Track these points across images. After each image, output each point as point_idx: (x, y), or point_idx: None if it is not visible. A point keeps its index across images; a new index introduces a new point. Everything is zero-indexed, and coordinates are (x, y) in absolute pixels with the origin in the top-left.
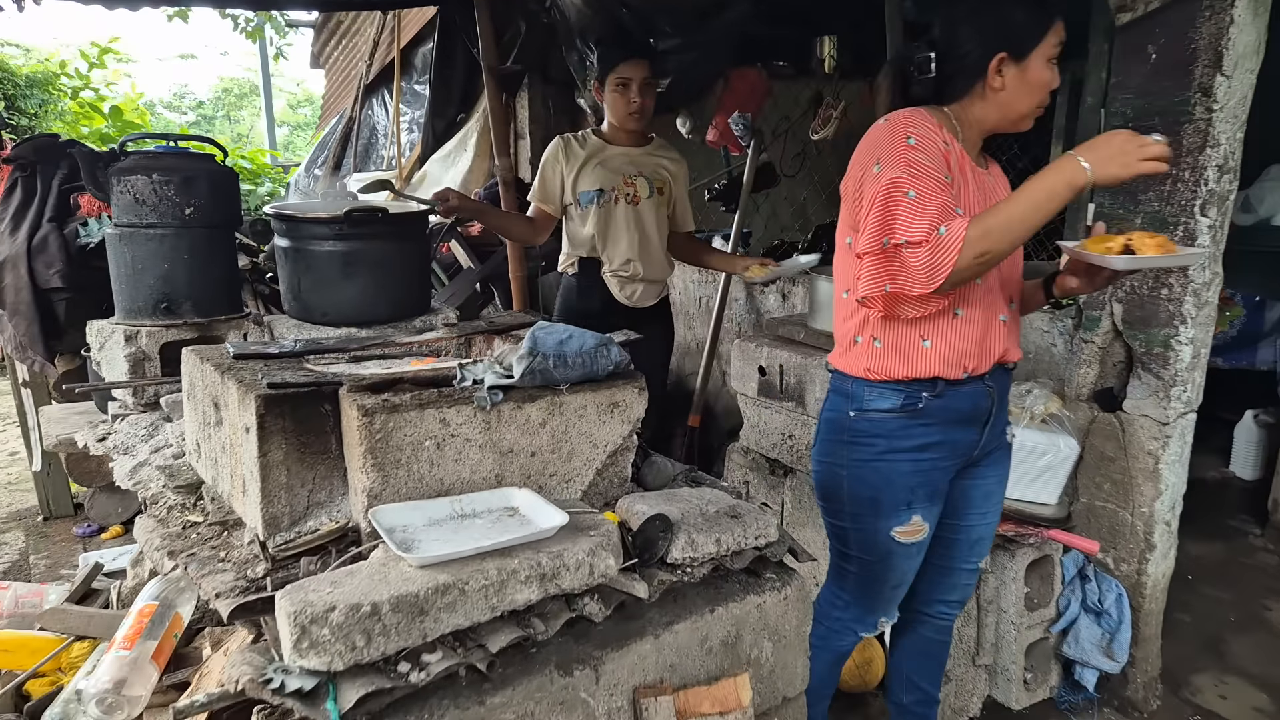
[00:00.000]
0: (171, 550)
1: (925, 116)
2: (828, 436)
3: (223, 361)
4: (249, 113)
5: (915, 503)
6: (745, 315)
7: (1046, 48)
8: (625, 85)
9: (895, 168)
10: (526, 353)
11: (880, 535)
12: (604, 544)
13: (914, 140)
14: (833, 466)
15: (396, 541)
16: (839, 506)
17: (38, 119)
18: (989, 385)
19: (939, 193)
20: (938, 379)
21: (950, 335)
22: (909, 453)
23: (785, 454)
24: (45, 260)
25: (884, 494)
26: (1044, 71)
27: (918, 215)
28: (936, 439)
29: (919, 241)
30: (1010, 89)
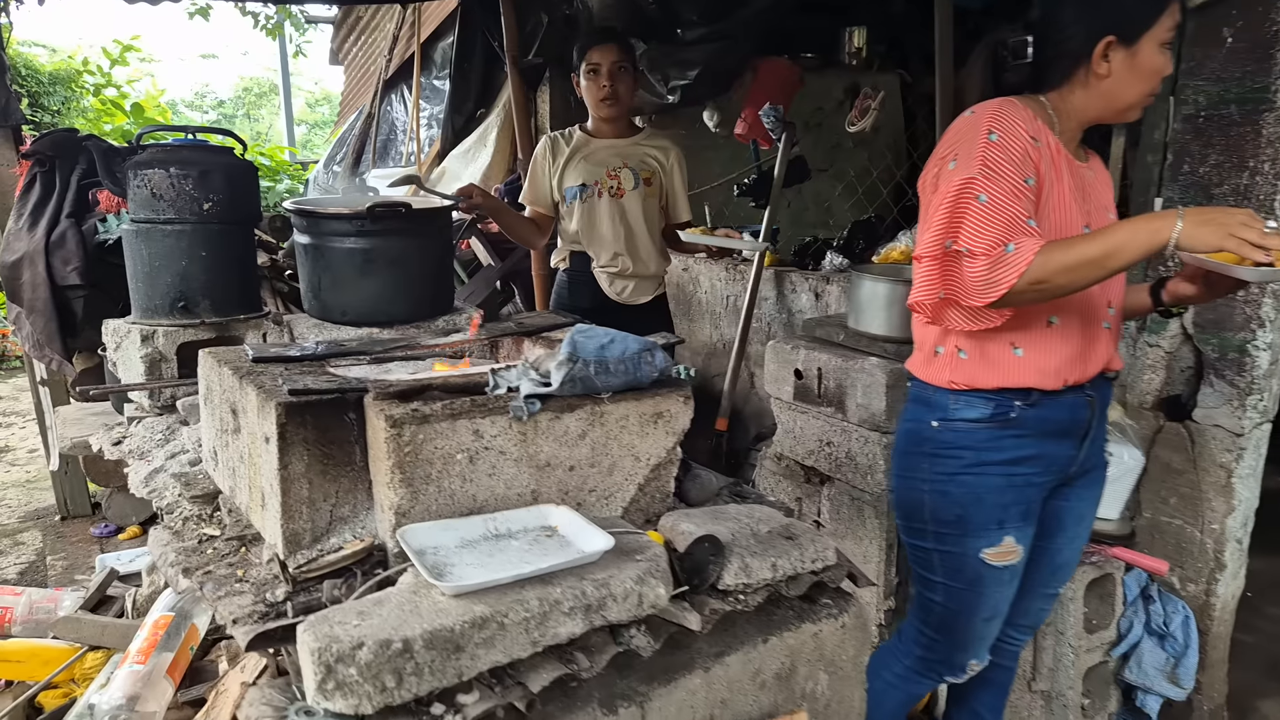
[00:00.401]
0: (187, 567)
1: (1016, 108)
2: (907, 449)
3: (241, 365)
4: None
5: (1008, 522)
6: (775, 315)
7: (1161, 30)
8: (595, 71)
9: (970, 166)
10: (566, 359)
11: (968, 558)
12: (653, 570)
13: (996, 136)
14: (913, 481)
15: (428, 566)
16: (921, 526)
17: (60, 116)
18: (1089, 395)
19: (1013, 200)
20: (1032, 390)
21: (1045, 344)
22: (1000, 466)
23: (823, 461)
24: (63, 257)
25: (972, 511)
26: (1156, 57)
27: (985, 224)
28: (1031, 452)
29: (980, 253)
30: (1117, 76)
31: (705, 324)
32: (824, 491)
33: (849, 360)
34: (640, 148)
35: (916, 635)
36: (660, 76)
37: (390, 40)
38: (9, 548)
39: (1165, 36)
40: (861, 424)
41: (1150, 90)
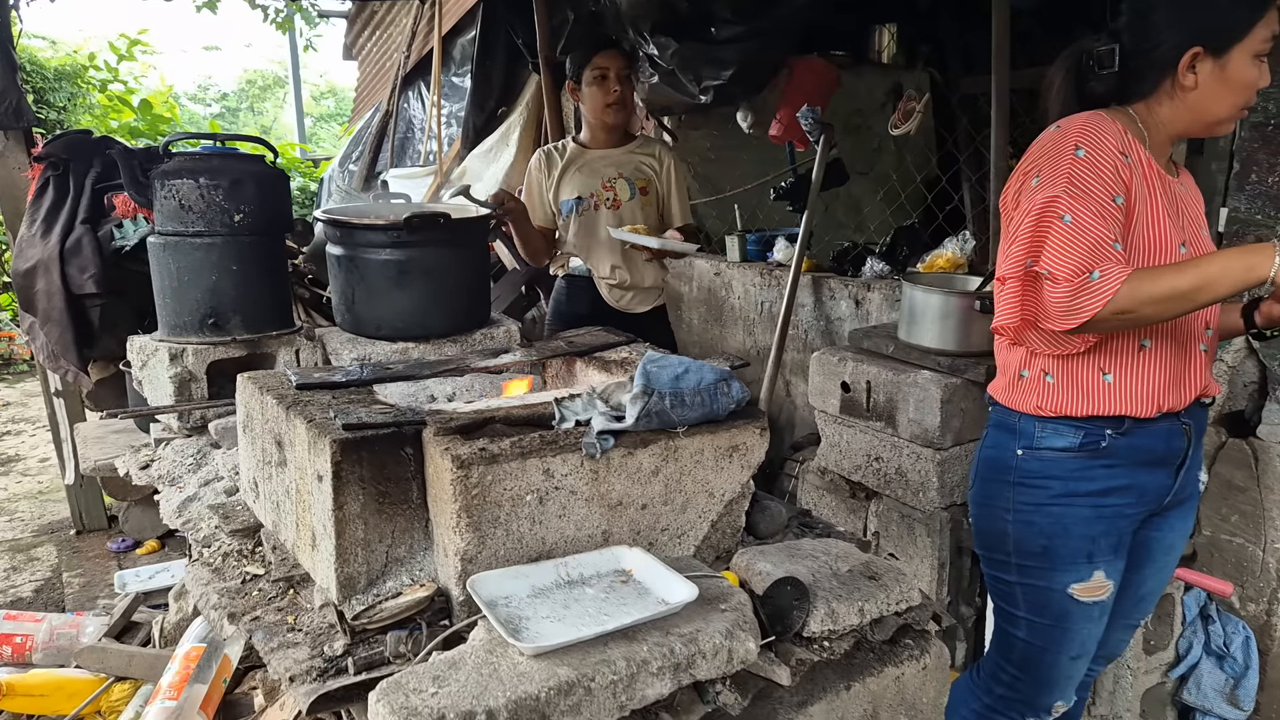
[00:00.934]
0: (233, 612)
1: (1106, 122)
2: (988, 476)
3: (285, 393)
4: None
5: (1097, 555)
6: (813, 322)
7: (1255, 41)
8: (603, 76)
9: (1055, 184)
10: (640, 391)
11: (1055, 593)
12: (740, 622)
13: (1083, 153)
14: (995, 511)
15: (501, 619)
16: (1003, 558)
17: (66, 112)
18: (1185, 422)
19: (1099, 222)
20: (1125, 418)
21: (1137, 369)
22: (1089, 497)
23: (870, 477)
24: (79, 264)
25: (1059, 544)
26: (1248, 69)
27: (1069, 246)
28: (1123, 482)
29: (1062, 278)
30: (1205, 89)
31: (738, 330)
32: (871, 507)
33: (900, 374)
34: (635, 156)
35: (996, 672)
36: (692, 76)
37: (408, 35)
38: (23, 564)
39: (1260, 48)
40: (914, 440)
41: (1243, 103)
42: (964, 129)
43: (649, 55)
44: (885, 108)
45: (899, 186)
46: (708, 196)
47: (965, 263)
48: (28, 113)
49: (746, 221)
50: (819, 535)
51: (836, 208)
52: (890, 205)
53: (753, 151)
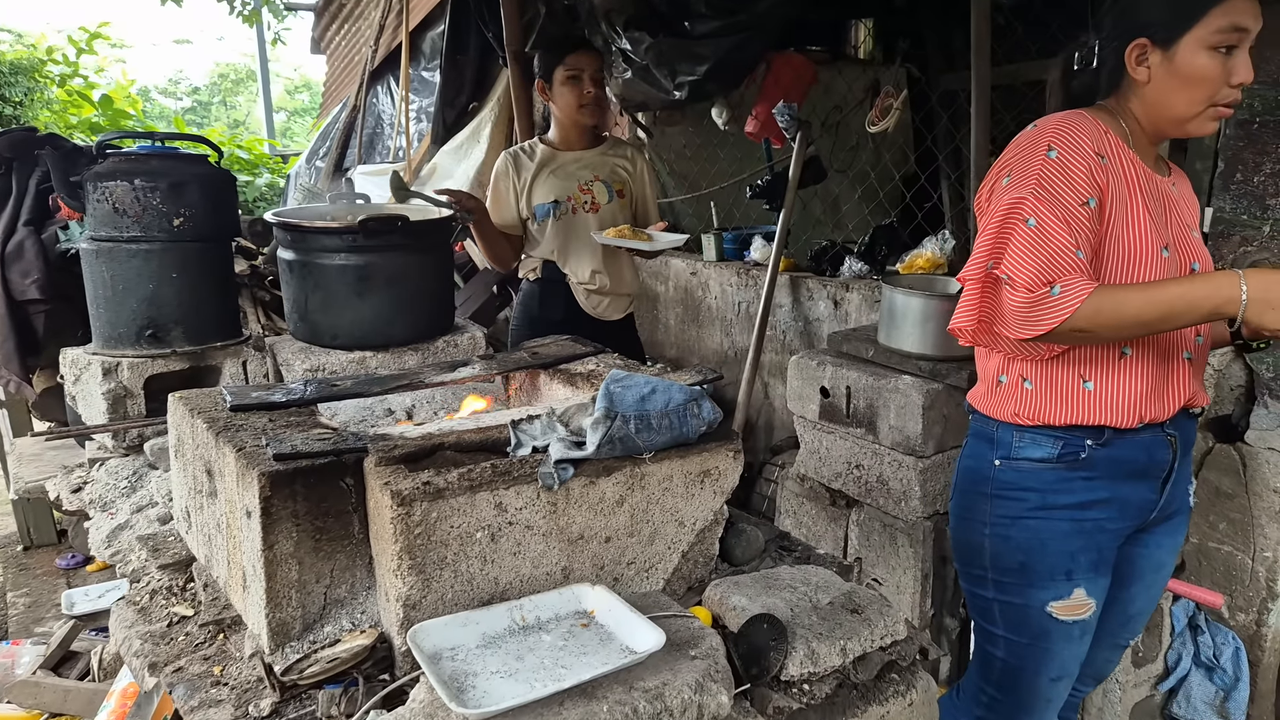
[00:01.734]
0: (154, 661)
1: (1084, 122)
2: (966, 488)
3: (217, 416)
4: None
5: (1077, 572)
6: (791, 323)
7: (1206, 33)
8: (577, 77)
9: (1024, 185)
10: (602, 415)
11: (1032, 610)
12: (712, 671)
13: (1055, 154)
14: (972, 524)
15: (444, 677)
16: (980, 573)
17: (23, 109)
18: (1169, 433)
19: (1063, 228)
20: (1105, 428)
21: (1117, 377)
22: (1067, 510)
23: (851, 485)
24: (21, 269)
25: (1036, 559)
26: (1200, 62)
27: (1030, 251)
28: (1103, 495)
29: (1020, 284)
30: (1157, 83)
31: (716, 331)
32: (851, 516)
33: (881, 379)
34: (609, 158)
35: (976, 694)
36: (667, 72)
37: (376, 29)
38: None
39: (1214, 39)
40: (895, 447)
41: (1206, 99)
42: (943, 126)
43: (622, 50)
44: (864, 104)
45: (877, 184)
46: (684, 194)
47: (945, 263)
48: None
49: (723, 219)
50: (798, 560)
51: (814, 205)
52: (869, 203)
53: (729, 148)
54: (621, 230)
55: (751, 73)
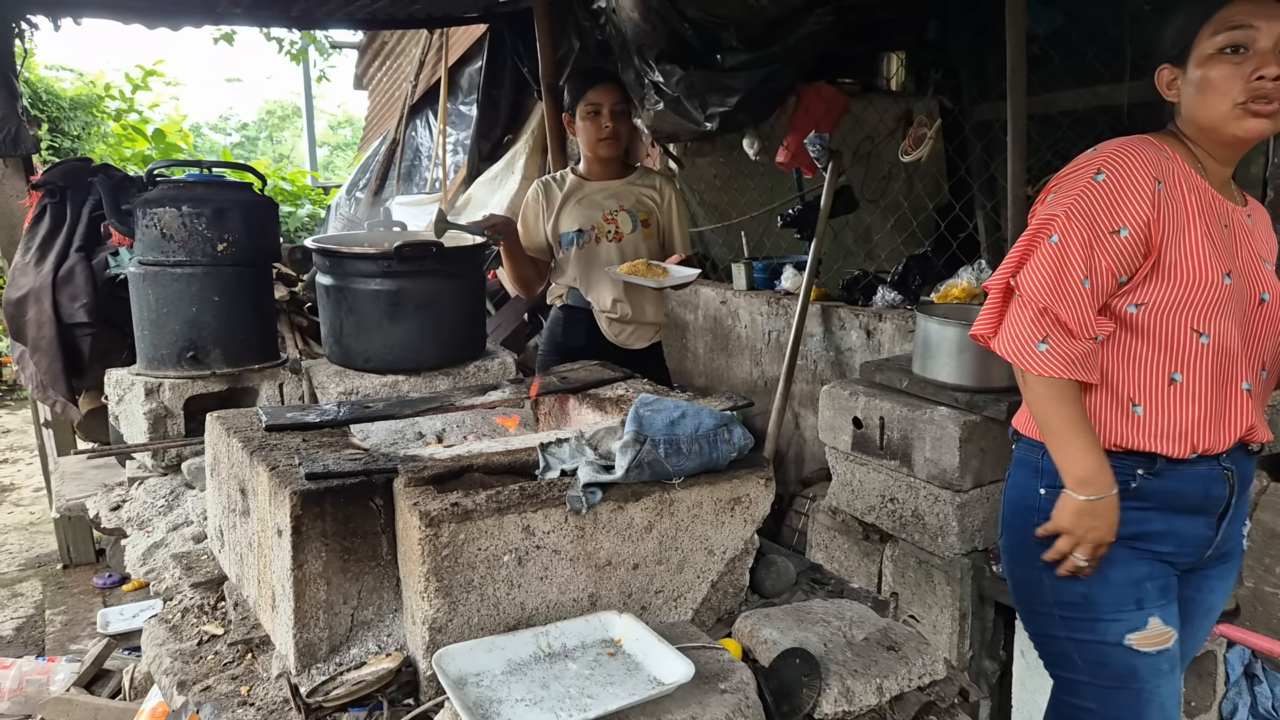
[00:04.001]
0: (183, 680)
1: (1145, 148)
2: (1014, 522)
3: (253, 435)
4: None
5: (1147, 601)
6: (822, 353)
7: (1208, 40)
8: (596, 111)
9: (1061, 203)
10: (632, 439)
11: (1110, 646)
12: (742, 706)
13: (1104, 177)
14: (1024, 559)
15: (469, 703)
16: (1045, 612)
17: (81, 142)
18: (1226, 468)
19: (1082, 252)
20: (1156, 456)
21: (1167, 404)
22: (1123, 541)
23: (885, 519)
24: (71, 293)
25: (1098, 589)
26: (1211, 69)
27: (1042, 267)
28: (1158, 528)
29: (1026, 299)
30: (1185, 101)
31: (745, 360)
32: (886, 551)
33: (915, 409)
34: (635, 188)
35: None
36: (698, 103)
37: (416, 65)
38: (6, 599)
39: (1220, 43)
40: (931, 480)
41: (1227, 100)
42: (978, 156)
43: (654, 83)
44: (895, 134)
45: (910, 214)
46: (714, 224)
47: (981, 292)
48: (26, 140)
49: (753, 249)
50: (831, 594)
51: (846, 235)
52: (901, 233)
53: (760, 178)
54: (636, 266)
55: (782, 104)
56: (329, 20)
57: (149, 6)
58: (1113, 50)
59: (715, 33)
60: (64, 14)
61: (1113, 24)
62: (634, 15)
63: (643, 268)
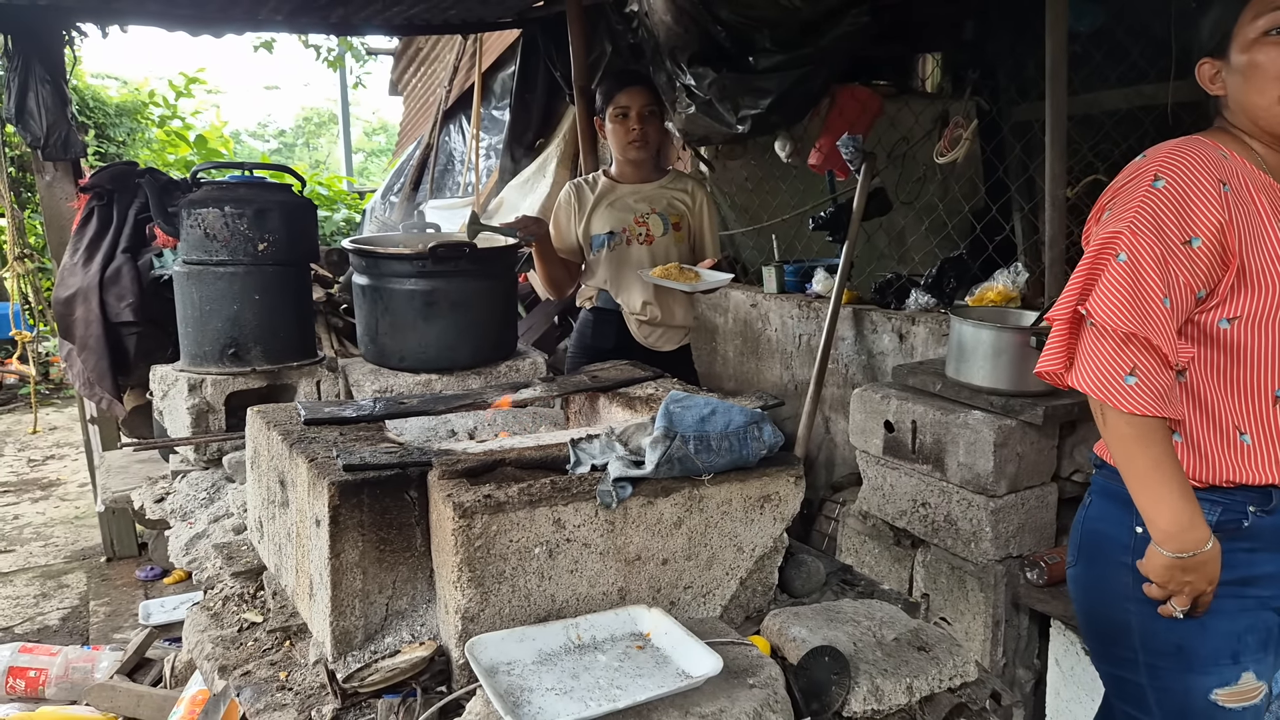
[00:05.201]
0: (224, 664)
1: (1200, 147)
2: (1096, 555)
3: (292, 429)
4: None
5: (1244, 654)
6: (854, 356)
7: (1249, 26)
8: (624, 114)
9: (1122, 218)
10: (661, 435)
11: (1195, 698)
12: (770, 701)
13: (1163, 183)
14: (1110, 598)
15: (500, 690)
16: (1127, 654)
17: (126, 147)
18: None
19: (1158, 268)
20: (1272, 489)
21: (1276, 427)
22: (1228, 586)
23: (917, 524)
24: (117, 293)
25: (1196, 642)
26: (1255, 53)
27: (1116, 289)
28: (1267, 570)
29: (1100, 327)
30: (1232, 92)
31: (775, 364)
32: (917, 557)
33: (949, 413)
34: (667, 191)
35: None
36: (730, 106)
37: (450, 70)
38: (53, 590)
39: (1262, 25)
40: (964, 485)
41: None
42: (1016, 157)
43: (686, 86)
44: (931, 136)
45: (945, 216)
46: (745, 226)
47: (1018, 296)
48: (76, 144)
49: (784, 252)
50: (861, 595)
51: (878, 238)
52: (936, 235)
53: (791, 181)
54: (669, 270)
55: (815, 106)
56: (365, 26)
57: (193, 14)
58: (1157, 48)
59: (748, 34)
60: (111, 22)
61: (1158, 21)
62: (666, 18)
63: (675, 271)
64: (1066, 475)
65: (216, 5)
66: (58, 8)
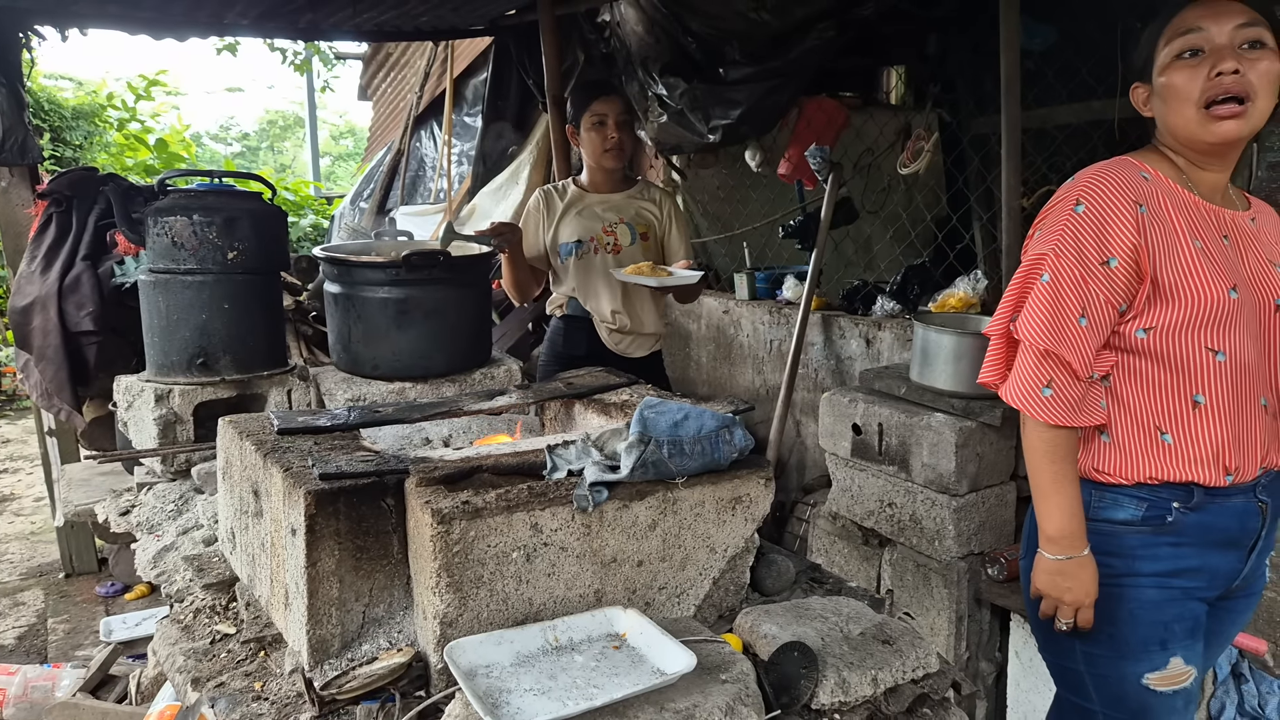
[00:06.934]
0: (197, 676)
1: (1122, 170)
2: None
3: (265, 439)
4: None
5: (1172, 641)
6: (823, 361)
7: (1166, 50)
8: (601, 122)
9: (1047, 240)
10: (636, 440)
11: (1128, 684)
12: (742, 695)
13: (1083, 208)
14: None
15: (479, 692)
16: (1066, 644)
17: (83, 151)
18: (1261, 500)
19: (1076, 288)
20: (1193, 485)
21: (1194, 428)
22: (1155, 578)
23: (884, 523)
24: (77, 301)
25: (1126, 629)
26: (1171, 75)
27: (1038, 308)
28: (1191, 564)
29: (1028, 344)
30: (1159, 113)
31: (748, 369)
32: (884, 555)
33: (913, 416)
34: (635, 201)
35: None
36: (701, 115)
37: (421, 76)
38: (8, 609)
39: (1175, 49)
40: (928, 485)
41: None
42: (975, 168)
43: (658, 95)
44: (895, 147)
45: (909, 225)
46: (717, 234)
47: (978, 302)
48: (33, 149)
49: (755, 259)
50: (829, 592)
51: (846, 246)
52: (900, 244)
53: (761, 190)
54: (640, 268)
55: (784, 117)
56: (335, 32)
57: (156, 18)
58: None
59: (718, 46)
60: (71, 24)
61: (1105, 41)
62: (638, 29)
63: (647, 269)
64: (1024, 474)
65: (180, 9)
66: (14, 9)
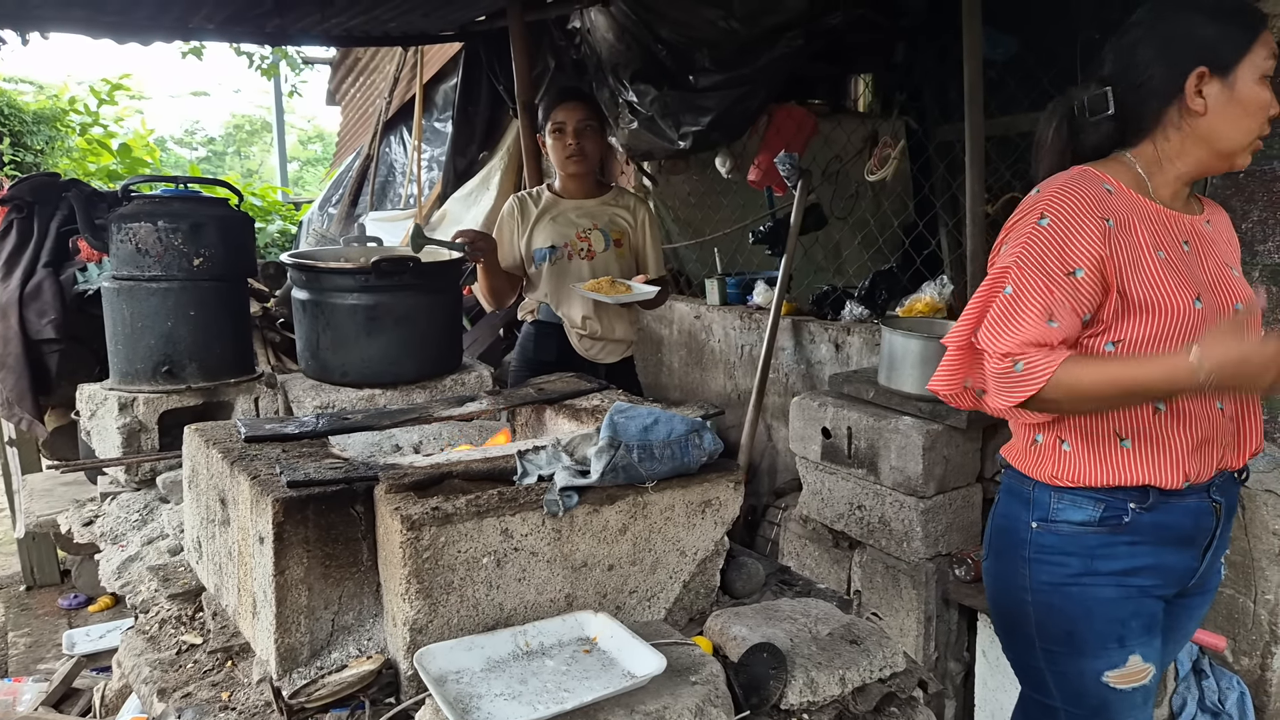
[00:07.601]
0: (163, 688)
1: (1085, 183)
2: (1001, 550)
3: (232, 446)
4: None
5: (1129, 638)
6: (794, 366)
7: (1257, 59)
8: (561, 129)
9: (1011, 253)
10: (606, 444)
11: (1087, 681)
12: (712, 696)
13: (1047, 221)
14: (1011, 590)
15: (450, 698)
16: (1026, 642)
17: (44, 156)
18: (1215, 500)
19: (1040, 297)
20: (1148, 488)
21: (1155, 433)
22: (1112, 576)
23: (853, 526)
24: (38, 309)
25: (1083, 627)
26: (1257, 89)
27: (1002, 319)
28: (1148, 562)
29: (991, 354)
30: (1216, 112)
31: (719, 374)
32: (854, 558)
33: (881, 419)
34: (609, 208)
35: None
36: (671, 122)
37: (390, 81)
38: None
39: (1264, 66)
40: (896, 487)
41: (1258, 128)
42: (941, 175)
43: (629, 102)
44: (863, 154)
45: (877, 231)
46: (688, 240)
47: (944, 307)
48: None
49: (726, 265)
50: (799, 594)
51: (815, 251)
52: (869, 249)
53: (732, 196)
54: (599, 283)
55: (754, 124)
56: (303, 37)
57: (120, 22)
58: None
59: (688, 54)
60: (32, 28)
61: (1065, 52)
62: (608, 36)
63: (606, 284)
64: (990, 476)
65: (145, 12)
66: None
